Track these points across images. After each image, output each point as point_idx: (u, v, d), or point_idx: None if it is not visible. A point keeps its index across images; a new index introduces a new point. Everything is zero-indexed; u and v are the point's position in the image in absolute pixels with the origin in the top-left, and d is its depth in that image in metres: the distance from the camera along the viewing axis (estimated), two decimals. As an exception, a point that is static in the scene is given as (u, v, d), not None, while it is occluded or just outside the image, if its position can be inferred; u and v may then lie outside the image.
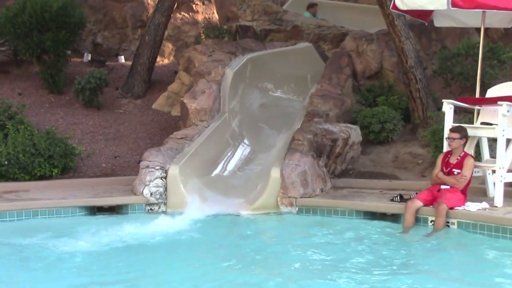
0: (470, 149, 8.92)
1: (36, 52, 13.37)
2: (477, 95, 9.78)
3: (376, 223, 8.66)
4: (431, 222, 8.31)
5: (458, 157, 8.58)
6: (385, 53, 13.37)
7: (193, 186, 9.77)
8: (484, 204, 8.46)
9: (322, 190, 9.70)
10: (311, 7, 16.93)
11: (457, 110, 10.05)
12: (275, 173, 9.45)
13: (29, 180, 10.49)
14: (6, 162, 10.34)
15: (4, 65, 14.43)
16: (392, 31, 11.61)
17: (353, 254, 7.34)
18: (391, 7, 9.88)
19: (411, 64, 11.61)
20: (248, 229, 8.70)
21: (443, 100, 9.31)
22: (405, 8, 9.52)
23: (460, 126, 8.79)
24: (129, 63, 14.91)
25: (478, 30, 11.53)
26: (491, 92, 9.50)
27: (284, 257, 7.28)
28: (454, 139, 8.56)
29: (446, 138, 8.81)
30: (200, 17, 16.65)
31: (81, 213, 9.32)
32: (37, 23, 13.18)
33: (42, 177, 10.60)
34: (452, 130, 8.67)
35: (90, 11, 15.87)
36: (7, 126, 11.17)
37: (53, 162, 10.67)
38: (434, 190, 8.58)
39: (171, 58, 16.33)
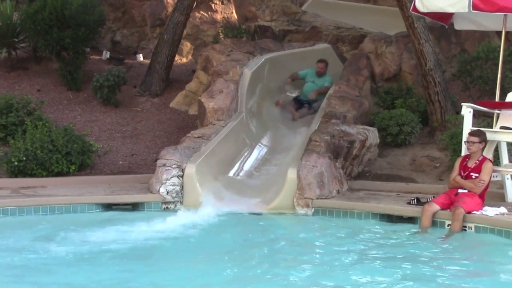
0: (488, 153, 8.86)
1: (56, 49, 13.45)
2: (497, 99, 9.71)
3: (392, 226, 8.62)
4: (447, 226, 8.25)
5: (477, 161, 8.52)
6: (404, 56, 13.30)
7: (210, 185, 9.78)
8: (502, 209, 8.39)
9: (338, 192, 9.66)
10: (320, 61, 13.18)
11: (476, 114, 9.99)
12: (291, 174, 9.44)
13: (47, 176, 10.54)
14: (24, 158, 10.39)
15: (24, 61, 14.52)
16: (412, 33, 11.55)
17: (369, 256, 7.30)
18: (411, 9, 9.84)
19: (430, 67, 11.55)
20: (264, 229, 8.68)
21: (462, 104, 9.25)
22: (425, 11, 9.48)
23: (479, 130, 8.73)
24: (147, 61, 14.96)
25: (498, 33, 11.46)
26: (511, 96, 9.44)
27: (299, 258, 7.25)
28: (474, 142, 8.50)
29: (464, 141, 8.74)
30: (219, 17, 16.66)
31: (97, 210, 9.36)
32: (57, 20, 13.26)
33: (59, 174, 10.65)
34: (472, 134, 8.60)
35: (109, 9, 15.95)
36: (26, 122, 11.24)
37: (70, 158, 10.71)
38: (452, 194, 8.52)
39: (189, 57, 16.35)
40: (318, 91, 12.68)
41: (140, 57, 15.99)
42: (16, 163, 10.37)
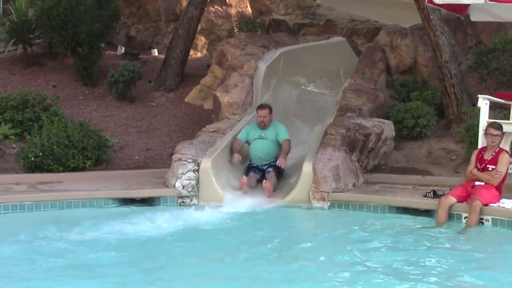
0: (505, 145, 8.82)
1: (71, 44, 13.50)
2: (514, 90, 9.65)
3: (408, 218, 8.59)
4: (464, 218, 8.21)
5: (493, 153, 8.47)
6: (419, 48, 13.25)
7: (225, 179, 9.78)
8: (520, 201, 8.34)
9: (354, 185, 9.64)
10: (261, 108, 10.24)
11: (492, 106, 9.92)
12: (307, 167, 9.42)
13: (63, 171, 10.59)
14: (40, 154, 10.44)
15: (39, 57, 14.58)
16: (427, 25, 11.50)
17: (385, 249, 7.28)
18: (426, 1, 9.77)
19: (446, 59, 11.49)
20: (280, 222, 8.68)
21: (478, 96, 9.21)
22: (440, 2, 9.41)
23: (498, 122, 8.66)
24: (162, 56, 14.97)
25: (515, 24, 11.39)
26: (528, 88, 9.38)
27: (316, 251, 7.25)
28: (499, 136, 8.43)
29: (487, 134, 8.53)
30: (233, 11, 16.63)
31: (114, 205, 9.39)
32: (72, 16, 13.31)
33: (75, 169, 10.69)
34: (495, 127, 8.45)
35: (124, 4, 15.96)
36: (42, 118, 11.31)
37: (86, 154, 10.76)
38: (468, 186, 8.48)
39: (204, 51, 16.35)
40: (285, 151, 9.87)
41: (155, 52, 16.01)
42: (32, 158, 10.43)
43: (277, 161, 9.73)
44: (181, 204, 9.51)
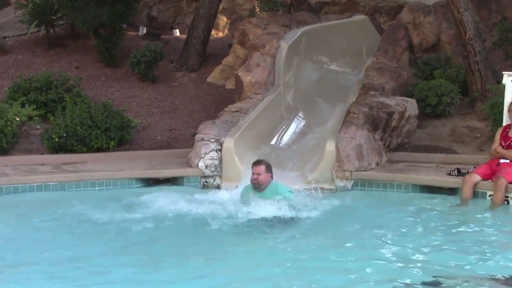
0: (530, 123, 8.71)
1: (93, 25, 13.53)
2: (539, 67, 9.54)
3: (432, 197, 8.55)
4: (489, 196, 8.16)
5: (518, 131, 8.40)
6: (443, 25, 13.12)
7: (248, 159, 9.77)
8: (546, 179, 8.26)
9: (377, 164, 9.60)
10: (257, 164, 8.05)
11: (517, 83, 9.81)
12: (330, 146, 9.39)
13: (87, 152, 10.66)
14: (64, 134, 10.51)
15: (62, 38, 14.64)
16: (451, 2, 11.36)
17: (409, 228, 7.26)
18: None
19: (470, 36, 11.35)
20: (303, 202, 8.66)
21: (503, 73, 9.11)
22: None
23: None
24: (184, 36, 14.97)
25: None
26: (554, 64, 9.26)
27: (342, 229, 7.24)
28: None
29: (511, 112, 8.51)
30: (255, -10, 16.56)
31: (138, 185, 9.44)
32: (94, -3, 13.33)
33: (99, 149, 10.75)
34: None
35: (145, -15, 15.95)
36: (65, 99, 11.37)
37: (109, 134, 10.81)
38: (493, 164, 8.41)
39: (226, 31, 16.31)
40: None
41: (177, 32, 16.00)
42: (56, 139, 10.50)
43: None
44: (204, 183, 9.54)
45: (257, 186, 7.79)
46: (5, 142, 10.41)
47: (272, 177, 7.86)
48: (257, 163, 7.93)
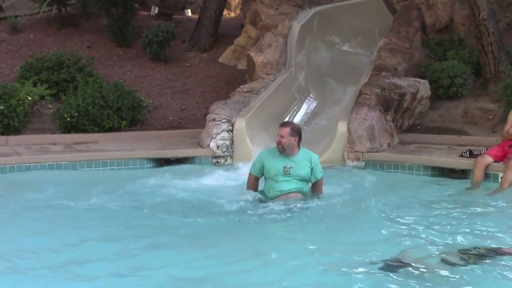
0: (544, 105, 8.66)
1: (105, 5, 13.54)
2: (553, 48, 9.46)
3: (444, 179, 8.53)
4: (501, 178, 8.12)
5: (531, 112, 8.35)
6: (456, 6, 13.02)
7: (259, 140, 9.78)
8: (558, 161, 8.20)
9: (389, 145, 9.59)
10: (284, 126, 7.36)
11: (531, 64, 9.76)
12: (342, 127, 9.38)
13: (98, 131, 10.70)
14: (76, 114, 10.54)
15: (74, 18, 14.64)
16: (464, -18, 11.29)
17: (421, 209, 7.24)
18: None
19: (484, 16, 11.27)
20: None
21: (517, 54, 9.04)
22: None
23: None
24: (196, 16, 14.94)
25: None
26: None
27: (353, 209, 7.23)
28: None
29: None
30: (267, -30, 16.46)
31: (149, 165, 9.46)
32: (106, -24, 13.32)
33: (110, 129, 10.78)
34: None
35: (157, -36, 15.90)
36: (77, 79, 11.40)
37: (121, 114, 10.83)
38: (505, 146, 8.37)
39: (238, 11, 16.26)
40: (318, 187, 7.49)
41: (188, 12, 15.97)
42: (68, 119, 10.53)
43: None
44: (216, 164, 9.55)
45: (281, 150, 7.20)
46: (17, 121, 10.46)
47: (299, 142, 7.29)
48: (283, 124, 7.37)
